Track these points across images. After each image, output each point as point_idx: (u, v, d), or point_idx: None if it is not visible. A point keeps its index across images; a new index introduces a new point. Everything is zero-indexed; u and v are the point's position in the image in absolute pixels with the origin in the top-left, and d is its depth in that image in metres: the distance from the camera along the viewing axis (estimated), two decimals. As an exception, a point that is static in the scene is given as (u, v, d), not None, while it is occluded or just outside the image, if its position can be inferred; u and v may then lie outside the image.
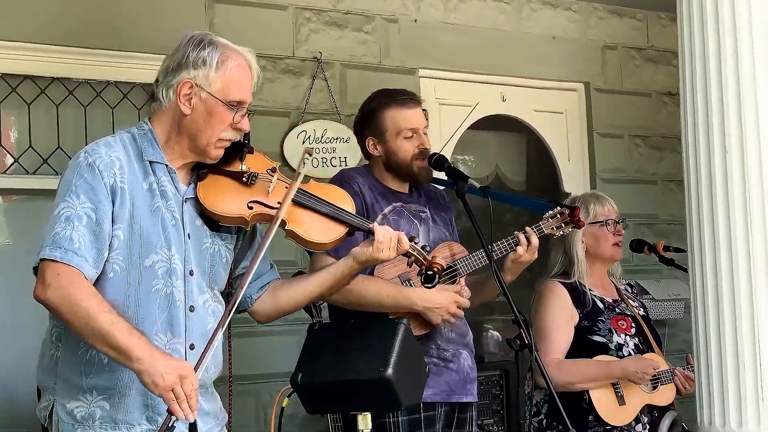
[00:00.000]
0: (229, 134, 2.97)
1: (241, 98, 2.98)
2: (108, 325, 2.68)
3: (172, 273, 2.89)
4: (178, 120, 2.94)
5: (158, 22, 5.43)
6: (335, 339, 3.16)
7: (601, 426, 4.33)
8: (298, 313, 4.97)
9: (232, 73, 2.96)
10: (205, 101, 2.92)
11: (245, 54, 3.02)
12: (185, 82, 2.91)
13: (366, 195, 3.86)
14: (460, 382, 3.89)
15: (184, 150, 2.97)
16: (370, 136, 3.96)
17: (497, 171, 6.92)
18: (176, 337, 2.89)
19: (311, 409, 3.25)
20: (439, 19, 6.27)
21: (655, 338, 4.56)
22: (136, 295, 2.85)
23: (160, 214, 2.90)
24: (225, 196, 3.01)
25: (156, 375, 2.67)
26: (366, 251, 3.16)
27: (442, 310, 3.77)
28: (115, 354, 2.70)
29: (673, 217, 6.85)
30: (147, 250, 2.86)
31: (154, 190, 2.90)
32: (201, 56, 2.92)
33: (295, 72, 5.79)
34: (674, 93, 6.83)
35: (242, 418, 5.47)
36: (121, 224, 2.83)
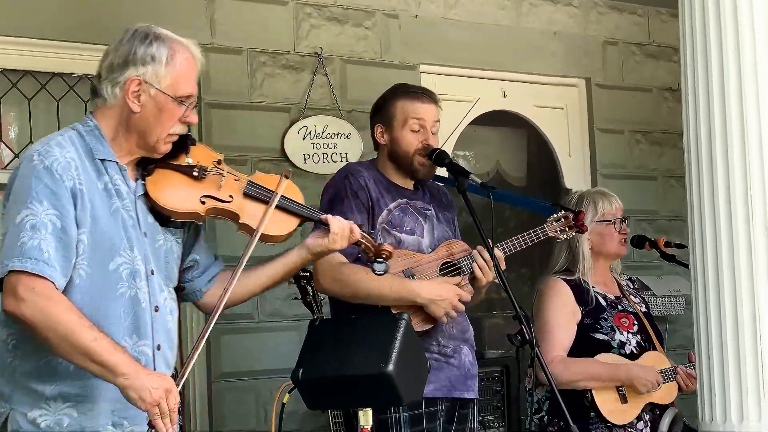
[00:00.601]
0: (177, 128, 2.91)
1: (190, 92, 2.91)
2: (91, 341, 2.64)
3: (136, 274, 2.84)
4: (127, 117, 2.87)
5: (159, 18, 5.39)
6: (336, 335, 3.16)
7: (603, 424, 4.32)
8: (299, 308, 5.00)
9: (181, 68, 2.89)
10: (155, 98, 2.86)
11: (190, 47, 2.94)
12: (133, 79, 2.84)
13: (371, 189, 3.85)
14: (461, 377, 3.89)
15: (132, 146, 2.91)
16: (380, 123, 3.97)
17: (498, 167, 6.91)
18: (143, 340, 2.84)
19: (312, 405, 3.25)
20: (439, 15, 6.27)
21: (656, 335, 4.55)
22: (102, 300, 2.78)
23: (119, 215, 2.84)
24: (176, 192, 2.95)
25: (143, 390, 2.65)
26: (321, 242, 3.16)
27: (444, 303, 3.77)
28: (99, 369, 2.67)
29: (673, 213, 6.84)
30: (111, 253, 2.80)
31: (109, 190, 2.84)
32: (149, 52, 2.86)
33: (296, 67, 5.79)
34: (675, 88, 6.83)
35: (242, 414, 5.47)
36: (84, 228, 2.76)
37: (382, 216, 3.84)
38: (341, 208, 3.78)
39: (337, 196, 3.84)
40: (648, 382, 4.30)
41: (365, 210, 3.81)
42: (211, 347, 5.43)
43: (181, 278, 3.11)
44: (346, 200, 3.81)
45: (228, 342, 5.47)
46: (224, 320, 5.43)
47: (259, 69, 5.68)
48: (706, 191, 3.83)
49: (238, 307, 5.45)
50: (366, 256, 3.29)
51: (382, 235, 3.82)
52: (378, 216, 3.83)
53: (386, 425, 3.70)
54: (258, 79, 5.68)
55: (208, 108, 5.53)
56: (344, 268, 3.75)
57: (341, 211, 3.78)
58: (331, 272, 3.76)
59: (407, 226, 3.86)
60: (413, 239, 3.87)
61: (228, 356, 5.46)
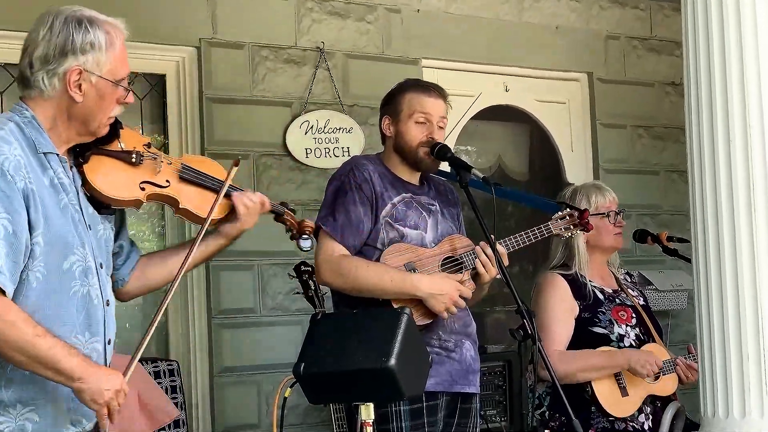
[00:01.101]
0: (116, 110, 2.86)
1: (127, 73, 2.87)
2: (47, 350, 2.62)
3: (88, 271, 2.80)
4: (67, 107, 2.78)
5: (161, 12, 5.43)
6: (338, 329, 3.15)
7: (604, 417, 4.32)
8: (301, 303, 5.01)
9: (120, 52, 2.83)
10: (96, 85, 2.78)
11: (119, 26, 2.88)
12: (74, 69, 2.76)
13: (376, 183, 3.85)
14: (462, 372, 3.89)
15: (72, 135, 2.83)
16: (387, 114, 3.97)
17: (500, 161, 6.91)
18: (94, 336, 2.82)
19: (314, 400, 3.24)
20: (441, 9, 6.27)
21: (655, 328, 4.55)
22: (56, 300, 2.74)
23: (68, 211, 2.78)
24: (116, 179, 2.90)
25: (97, 393, 2.68)
26: (234, 225, 3.13)
27: (445, 298, 3.76)
28: (55, 375, 2.66)
29: (675, 208, 6.84)
30: (65, 252, 2.75)
31: (56, 186, 2.76)
32: (87, 39, 2.77)
33: (298, 62, 5.79)
34: (677, 83, 6.83)
35: (244, 408, 5.48)
36: (39, 230, 2.68)
37: (386, 210, 3.83)
38: (344, 200, 3.79)
39: (341, 188, 3.84)
40: (647, 364, 4.30)
41: (369, 203, 3.81)
42: (213, 342, 5.44)
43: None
44: (349, 192, 3.81)
45: (230, 336, 5.48)
46: (226, 315, 5.47)
47: (261, 63, 5.68)
48: (709, 185, 3.83)
49: (240, 302, 5.51)
50: (291, 233, 3.34)
51: (386, 228, 3.81)
52: (381, 209, 3.83)
53: (386, 418, 3.70)
54: (260, 74, 5.68)
55: (210, 103, 5.53)
56: (345, 261, 3.76)
57: (344, 203, 3.79)
58: (332, 265, 3.77)
59: (411, 221, 3.86)
60: (417, 234, 3.86)
61: (230, 351, 5.47)
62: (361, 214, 3.79)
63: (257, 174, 5.59)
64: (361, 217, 3.79)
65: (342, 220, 3.78)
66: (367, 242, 3.81)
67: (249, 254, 5.53)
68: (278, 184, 5.65)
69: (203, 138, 5.51)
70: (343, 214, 3.78)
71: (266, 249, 5.57)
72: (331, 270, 3.77)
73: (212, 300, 5.46)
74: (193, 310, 5.48)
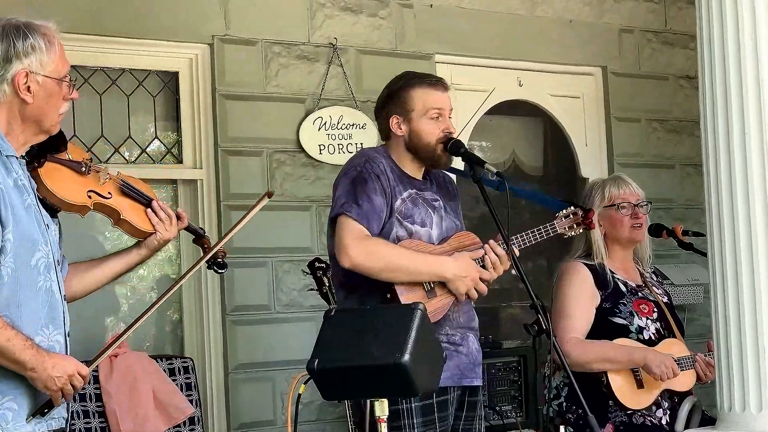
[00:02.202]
0: (65, 107, 3.06)
1: (68, 70, 3.06)
2: (6, 341, 2.80)
3: (50, 267, 2.97)
4: (19, 110, 2.97)
5: (173, 9, 5.43)
6: (351, 325, 3.14)
7: (622, 410, 4.31)
8: (315, 299, 5.01)
9: (59, 51, 3.02)
10: (43, 85, 2.98)
11: (53, 27, 3.06)
12: (20, 72, 2.94)
13: (390, 177, 3.82)
14: (470, 365, 3.88)
15: (29, 136, 3.03)
16: (395, 114, 3.90)
17: (514, 157, 6.89)
18: (57, 330, 2.98)
19: (328, 396, 3.24)
20: (454, 4, 6.25)
21: (677, 325, 4.54)
22: (24, 294, 2.90)
23: (32, 210, 2.96)
24: (67, 185, 3.15)
25: (48, 380, 2.88)
26: (155, 236, 3.34)
27: (468, 280, 3.76)
28: (12, 365, 2.85)
29: (690, 201, 6.82)
30: (32, 248, 2.92)
31: (19, 187, 2.94)
32: (28, 44, 2.95)
33: (311, 58, 5.78)
34: (692, 76, 6.80)
35: (259, 405, 5.48)
36: (9, 227, 2.86)
37: (397, 204, 3.81)
38: (365, 188, 3.74)
39: (360, 176, 3.77)
40: (663, 366, 4.28)
41: (385, 193, 3.78)
42: (227, 338, 5.44)
43: None
44: (369, 181, 3.76)
45: (244, 333, 5.48)
46: (240, 311, 5.47)
47: (274, 60, 5.68)
48: (724, 179, 3.81)
49: (255, 299, 5.52)
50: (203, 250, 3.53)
51: (396, 224, 3.80)
52: (394, 203, 3.81)
53: (398, 415, 3.69)
54: (273, 70, 5.67)
55: (223, 99, 5.53)
56: (374, 242, 3.70)
57: (365, 191, 3.74)
58: (362, 246, 3.68)
59: (418, 218, 3.84)
60: (424, 231, 3.84)
61: (244, 347, 5.47)
62: (381, 203, 3.76)
63: (270, 170, 5.59)
64: (381, 206, 3.75)
65: (366, 207, 3.72)
66: (380, 234, 3.79)
67: (263, 251, 5.53)
68: (292, 180, 5.64)
69: (216, 135, 5.51)
70: (367, 201, 3.72)
71: (280, 245, 5.57)
72: (361, 251, 3.68)
73: (226, 297, 5.46)
74: (208, 307, 5.49)
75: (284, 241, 5.58)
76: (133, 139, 5.50)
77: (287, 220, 5.63)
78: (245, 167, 5.54)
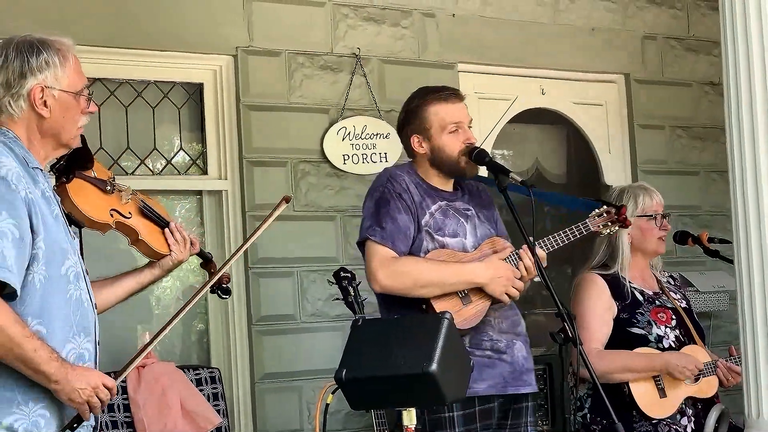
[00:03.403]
0: (83, 120, 3.09)
1: (84, 83, 3.08)
2: (31, 351, 2.80)
3: (79, 276, 3.00)
4: (37, 124, 3.01)
5: (198, 21, 5.46)
6: (379, 334, 3.15)
7: (646, 420, 4.30)
8: (341, 309, 5.01)
9: (74, 64, 3.05)
10: (59, 99, 3.01)
11: (68, 42, 3.08)
12: (36, 87, 2.98)
13: (414, 193, 3.84)
14: (515, 373, 3.86)
15: (49, 150, 3.06)
16: (415, 133, 3.93)
17: (537, 164, 6.89)
18: (87, 338, 3.00)
19: (356, 405, 3.25)
20: (476, 13, 6.25)
21: (697, 330, 4.52)
22: (56, 303, 2.92)
23: (60, 220, 2.99)
24: (93, 202, 3.23)
25: (72, 393, 2.87)
26: (169, 258, 3.42)
27: (503, 280, 3.77)
28: (35, 376, 2.84)
29: (715, 208, 6.79)
30: (62, 257, 2.94)
31: (47, 198, 2.96)
32: (42, 59, 2.99)
33: (334, 68, 5.80)
34: (716, 83, 6.78)
35: (286, 414, 5.49)
36: (41, 235, 2.89)
37: (425, 219, 3.83)
38: (388, 209, 3.79)
39: (383, 198, 3.83)
40: (685, 368, 4.28)
41: (410, 210, 3.80)
42: (254, 348, 5.46)
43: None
44: (392, 201, 3.80)
45: (270, 343, 5.50)
46: (266, 322, 5.49)
47: (298, 70, 5.70)
48: (750, 185, 3.80)
49: (281, 308, 5.53)
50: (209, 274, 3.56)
51: (426, 238, 3.81)
52: (422, 219, 3.83)
53: (440, 424, 3.69)
54: (296, 81, 5.69)
55: (247, 110, 5.56)
56: (399, 262, 3.75)
57: (388, 212, 3.78)
58: (389, 269, 3.74)
59: (449, 229, 3.85)
60: (456, 241, 3.85)
61: (270, 357, 5.48)
62: (407, 221, 3.79)
63: (295, 181, 5.61)
64: (407, 224, 3.79)
65: (390, 228, 3.77)
66: (411, 250, 3.81)
67: (288, 261, 5.55)
68: (316, 190, 5.66)
69: (241, 145, 5.53)
70: (390, 222, 3.77)
71: (305, 255, 5.59)
72: (388, 273, 3.74)
73: (252, 307, 5.47)
74: (234, 318, 5.50)
75: (309, 251, 5.59)
76: (159, 150, 5.53)
77: (312, 230, 5.64)
78: (270, 178, 5.56)
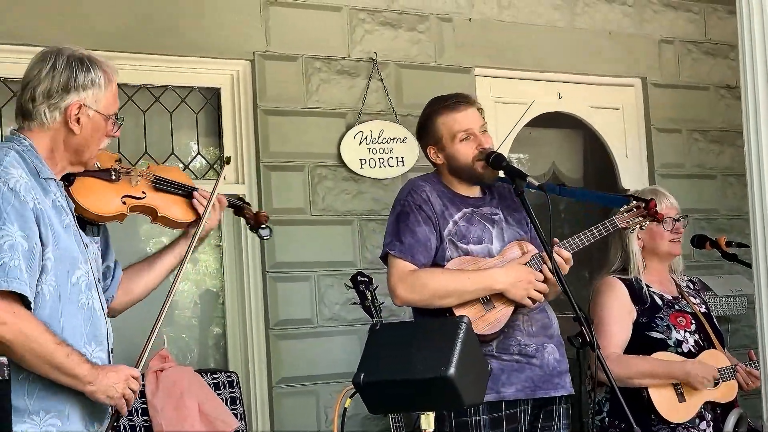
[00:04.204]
0: (105, 143, 3.12)
1: (117, 109, 3.12)
2: (64, 357, 2.86)
3: (91, 285, 3.02)
4: (65, 138, 3.03)
5: (215, 26, 5.48)
6: (397, 339, 3.15)
7: (664, 425, 4.29)
8: (358, 313, 5.02)
9: (114, 89, 3.10)
10: (93, 119, 3.03)
11: (112, 66, 3.13)
12: (75, 103, 3.00)
13: (434, 203, 3.84)
14: (545, 377, 3.83)
15: (66, 164, 3.07)
16: (430, 145, 3.95)
17: (554, 168, 6.89)
18: (99, 346, 3.03)
19: (374, 409, 3.25)
20: (493, 17, 6.26)
21: (716, 335, 4.51)
22: (67, 311, 2.94)
23: (71, 229, 3.00)
24: (100, 196, 3.17)
25: (108, 390, 2.95)
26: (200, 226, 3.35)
27: (524, 284, 3.75)
28: (69, 381, 2.90)
29: (733, 212, 6.78)
30: (72, 267, 2.96)
31: (58, 207, 2.98)
32: (89, 77, 3.02)
33: (351, 73, 5.81)
34: (733, 86, 6.77)
35: (303, 418, 5.50)
36: (50, 246, 2.90)
37: (448, 228, 3.83)
38: (407, 223, 3.81)
39: (403, 211, 3.85)
40: (704, 379, 4.27)
41: (431, 221, 3.81)
42: (271, 352, 5.47)
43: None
44: (411, 214, 3.82)
45: (287, 347, 5.51)
46: (283, 326, 5.50)
47: (315, 75, 5.71)
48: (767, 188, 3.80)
49: (298, 313, 5.54)
50: (250, 225, 3.56)
51: (450, 247, 3.81)
52: (444, 228, 3.83)
53: (466, 428, 3.69)
54: (313, 85, 5.71)
55: (264, 115, 5.57)
56: (417, 274, 3.76)
57: (408, 225, 3.79)
58: (407, 282, 3.77)
59: (474, 236, 3.84)
60: (482, 248, 3.85)
61: (287, 361, 5.50)
62: (427, 233, 3.80)
63: (312, 185, 5.62)
64: (427, 235, 3.79)
65: (409, 241, 3.79)
66: (435, 260, 3.82)
67: (306, 265, 5.56)
68: (333, 194, 5.67)
69: (258, 150, 5.55)
70: (409, 235, 3.79)
71: (323, 260, 5.59)
72: (406, 287, 3.77)
73: (270, 311, 5.49)
74: (251, 322, 5.52)
75: (326, 255, 5.60)
76: (176, 155, 5.55)
77: (329, 234, 5.66)
78: (287, 182, 5.57)
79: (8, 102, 5.05)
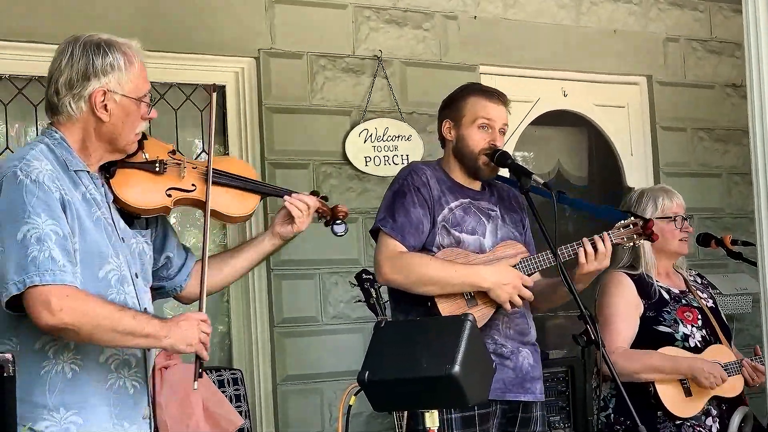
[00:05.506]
0: (142, 126, 3.01)
1: (148, 89, 3.01)
2: (131, 320, 2.79)
3: (123, 280, 2.93)
4: (95, 127, 2.93)
5: (220, 23, 5.48)
6: (402, 337, 3.15)
7: (671, 421, 4.29)
8: (363, 311, 5.01)
9: (139, 70, 2.98)
10: (121, 104, 2.93)
11: (135, 46, 3.02)
12: (98, 90, 2.91)
13: (433, 188, 3.86)
14: (517, 380, 3.86)
15: (102, 153, 2.98)
16: (448, 118, 3.96)
17: (559, 166, 6.88)
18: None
19: (378, 407, 3.25)
20: (498, 15, 6.26)
21: (723, 330, 4.51)
22: None
23: (101, 222, 2.91)
24: (143, 189, 3.05)
25: (186, 338, 2.88)
26: (290, 228, 3.29)
27: (509, 287, 3.75)
28: (145, 341, 2.84)
29: (738, 210, 6.78)
30: (100, 261, 2.88)
31: (88, 200, 2.90)
32: (108, 61, 2.91)
33: (356, 71, 5.81)
34: (738, 84, 6.76)
35: (308, 416, 5.50)
36: (75, 237, 2.83)
37: (443, 214, 3.84)
38: (404, 202, 3.82)
39: (400, 190, 3.86)
40: (711, 376, 4.26)
41: (427, 205, 3.82)
42: (276, 350, 5.47)
43: (157, 277, 3.22)
44: (408, 194, 3.83)
45: (292, 345, 5.51)
46: (288, 323, 5.50)
47: (320, 73, 5.71)
48: (774, 187, 3.79)
49: (302, 311, 5.54)
50: (324, 220, 3.41)
51: (441, 233, 3.82)
52: (438, 213, 3.84)
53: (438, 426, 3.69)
54: (318, 83, 5.70)
55: (269, 112, 5.57)
56: (405, 257, 3.77)
57: (403, 205, 3.79)
58: (394, 262, 3.78)
59: (468, 226, 3.86)
60: (474, 239, 3.86)
61: (292, 359, 5.50)
62: (420, 215, 3.81)
63: (317, 183, 5.62)
64: (420, 218, 3.80)
65: (402, 221, 3.79)
66: (424, 245, 3.82)
67: (310, 263, 5.56)
68: (338, 192, 5.67)
69: (263, 148, 5.54)
70: (403, 215, 3.80)
71: (327, 258, 5.59)
72: (393, 266, 3.78)
73: (274, 309, 5.49)
74: (256, 319, 5.52)
75: (331, 253, 5.60)
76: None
77: (334, 232, 5.65)
78: (292, 180, 5.56)
79: (13, 99, 5.05)
